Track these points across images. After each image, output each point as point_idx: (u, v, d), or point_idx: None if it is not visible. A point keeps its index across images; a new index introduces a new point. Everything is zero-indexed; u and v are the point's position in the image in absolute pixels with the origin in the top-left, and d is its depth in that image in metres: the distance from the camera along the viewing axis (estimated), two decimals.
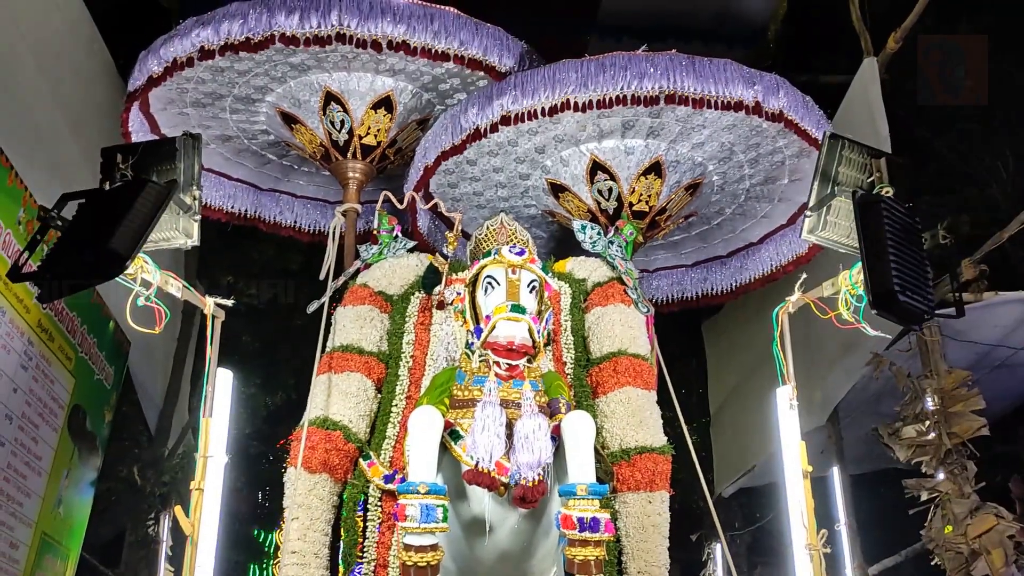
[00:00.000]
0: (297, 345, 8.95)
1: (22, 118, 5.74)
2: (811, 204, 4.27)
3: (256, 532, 11.17)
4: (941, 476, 6.84)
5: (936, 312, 3.72)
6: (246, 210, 6.95)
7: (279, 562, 4.45)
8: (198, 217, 4.22)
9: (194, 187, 4.11)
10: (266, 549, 11.91)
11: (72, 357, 7.77)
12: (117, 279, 3.80)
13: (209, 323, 4.37)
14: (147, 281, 4.09)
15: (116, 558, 10.21)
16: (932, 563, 7.05)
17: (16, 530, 7.00)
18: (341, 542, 4.55)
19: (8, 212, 6.20)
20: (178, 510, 4.14)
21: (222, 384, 4.37)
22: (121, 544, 10.22)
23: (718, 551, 10.22)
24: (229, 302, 4.45)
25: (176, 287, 4.23)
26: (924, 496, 6.87)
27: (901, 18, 7.09)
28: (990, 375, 7.67)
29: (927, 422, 6.99)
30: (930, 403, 6.97)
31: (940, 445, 6.86)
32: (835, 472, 8.88)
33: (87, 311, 7.23)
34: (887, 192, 3.97)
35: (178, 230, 4.21)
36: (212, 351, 4.26)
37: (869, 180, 4.10)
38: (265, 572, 11.79)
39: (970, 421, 6.85)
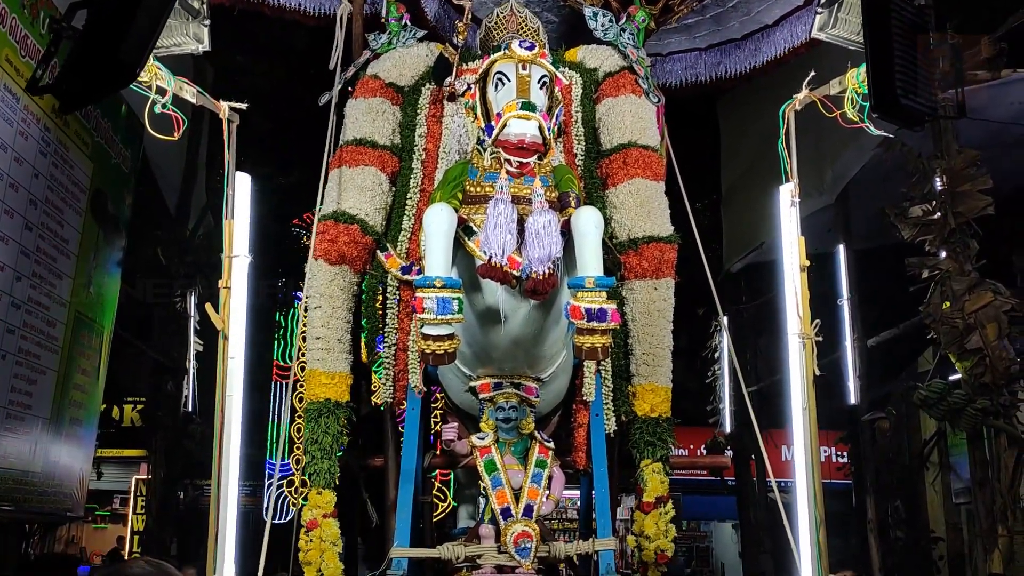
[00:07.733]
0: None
1: None
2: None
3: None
4: (943, 255, 6.98)
5: (939, 115, 3.68)
6: None
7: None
8: (207, 22, 4.14)
9: None
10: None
11: (89, 142, 7.83)
12: (132, 86, 3.78)
13: (225, 128, 4.37)
14: (162, 88, 4.07)
15: (148, 332, 10.75)
16: (928, 337, 7.34)
17: (51, 309, 7.34)
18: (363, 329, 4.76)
19: None
20: (208, 307, 4.29)
21: (241, 187, 4.41)
22: (152, 320, 10.72)
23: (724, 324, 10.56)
24: (243, 105, 4.41)
25: (191, 93, 4.21)
26: (925, 274, 7.04)
27: None
28: (1004, 153, 7.66)
29: (934, 201, 7.06)
30: (938, 183, 7.01)
31: (945, 224, 6.96)
32: (841, 250, 9.07)
33: None
34: None
35: (188, 35, 4.15)
36: (230, 155, 4.27)
37: None
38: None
39: (976, 200, 6.91)
